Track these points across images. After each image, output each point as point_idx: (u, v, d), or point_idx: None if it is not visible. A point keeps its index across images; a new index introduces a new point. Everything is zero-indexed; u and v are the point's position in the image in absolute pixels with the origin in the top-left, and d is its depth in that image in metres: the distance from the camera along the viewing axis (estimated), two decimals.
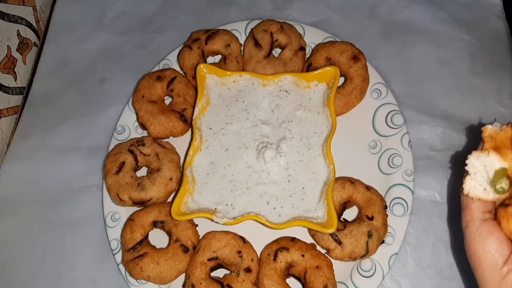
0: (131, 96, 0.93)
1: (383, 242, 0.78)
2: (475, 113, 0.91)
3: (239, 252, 0.76)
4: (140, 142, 0.86)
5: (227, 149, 0.83)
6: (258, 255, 0.79)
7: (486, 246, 0.50)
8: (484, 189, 0.52)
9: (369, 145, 0.87)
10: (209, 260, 0.76)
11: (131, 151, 0.85)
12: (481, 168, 0.52)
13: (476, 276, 0.53)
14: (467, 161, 0.52)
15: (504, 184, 0.51)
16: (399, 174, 0.83)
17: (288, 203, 0.78)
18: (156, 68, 0.96)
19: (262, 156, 0.80)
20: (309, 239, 0.80)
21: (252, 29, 0.95)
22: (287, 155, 0.81)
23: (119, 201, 0.82)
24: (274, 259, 0.75)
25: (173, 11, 1.08)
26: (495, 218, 0.52)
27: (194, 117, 0.85)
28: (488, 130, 0.53)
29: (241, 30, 0.98)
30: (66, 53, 1.06)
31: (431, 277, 0.80)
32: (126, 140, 0.89)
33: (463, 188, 0.53)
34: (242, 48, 0.95)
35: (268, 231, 0.78)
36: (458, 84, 0.94)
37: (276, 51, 0.96)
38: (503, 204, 0.51)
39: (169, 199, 0.85)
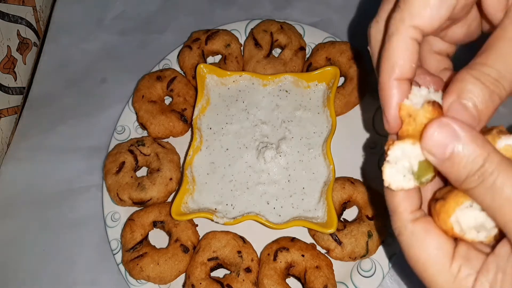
0: (131, 96, 0.93)
1: (383, 242, 0.78)
2: None
3: (239, 252, 0.76)
4: (140, 142, 0.86)
5: (227, 149, 0.83)
6: (258, 255, 0.79)
7: (427, 248, 0.42)
8: (404, 176, 0.43)
9: (369, 145, 0.87)
10: (209, 260, 0.76)
11: (131, 151, 0.85)
12: (404, 159, 0.42)
13: (426, 286, 0.44)
14: (389, 152, 0.42)
15: (429, 176, 0.43)
16: None
17: (288, 203, 0.78)
18: (156, 68, 0.96)
19: (262, 156, 0.80)
20: (309, 239, 0.79)
21: (252, 29, 0.95)
22: (287, 155, 0.81)
23: (119, 201, 0.82)
24: (274, 259, 0.75)
25: (173, 11, 1.08)
26: (430, 214, 0.45)
27: (194, 117, 0.85)
28: (406, 107, 0.42)
29: (241, 30, 0.98)
30: (66, 53, 1.06)
31: None
32: (126, 140, 0.89)
33: (386, 186, 0.43)
34: (242, 48, 0.95)
35: (268, 231, 0.78)
36: None
37: (276, 51, 0.96)
38: (434, 199, 0.44)
39: (169, 199, 0.85)
